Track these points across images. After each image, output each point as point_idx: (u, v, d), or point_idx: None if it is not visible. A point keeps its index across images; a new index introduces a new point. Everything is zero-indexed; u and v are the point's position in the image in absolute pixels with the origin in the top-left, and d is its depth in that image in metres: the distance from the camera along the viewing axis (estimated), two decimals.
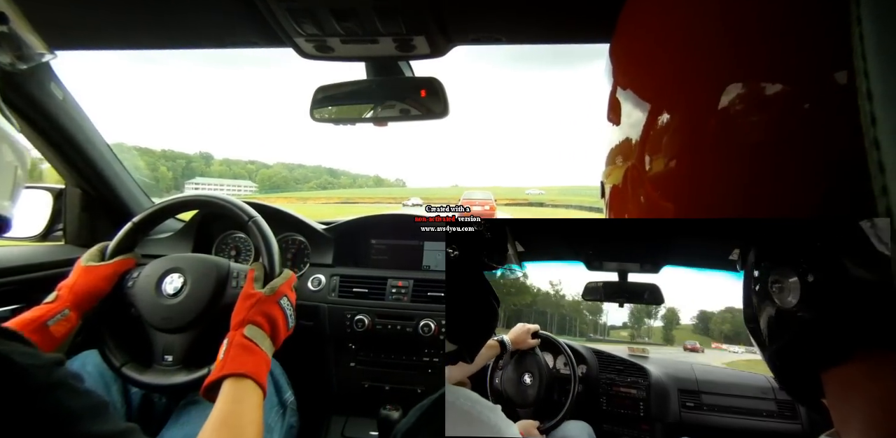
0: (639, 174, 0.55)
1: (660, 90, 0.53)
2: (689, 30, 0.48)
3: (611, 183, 0.64)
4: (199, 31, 1.16)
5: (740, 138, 0.42)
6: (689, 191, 0.48)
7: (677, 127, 0.49)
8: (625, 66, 0.62)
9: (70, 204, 1.70)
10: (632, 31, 0.61)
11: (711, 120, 0.44)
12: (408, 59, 1.21)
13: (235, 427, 0.82)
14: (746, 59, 0.42)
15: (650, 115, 0.53)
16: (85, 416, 0.52)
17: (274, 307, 1.02)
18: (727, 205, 0.44)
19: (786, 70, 0.39)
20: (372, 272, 1.71)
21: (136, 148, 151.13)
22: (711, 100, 0.43)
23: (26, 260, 1.49)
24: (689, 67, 0.48)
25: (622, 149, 0.60)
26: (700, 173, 0.46)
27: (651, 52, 0.56)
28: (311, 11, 0.93)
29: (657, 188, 0.52)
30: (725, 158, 0.43)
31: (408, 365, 1.65)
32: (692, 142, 0.47)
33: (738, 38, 0.43)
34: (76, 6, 1.04)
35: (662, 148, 0.51)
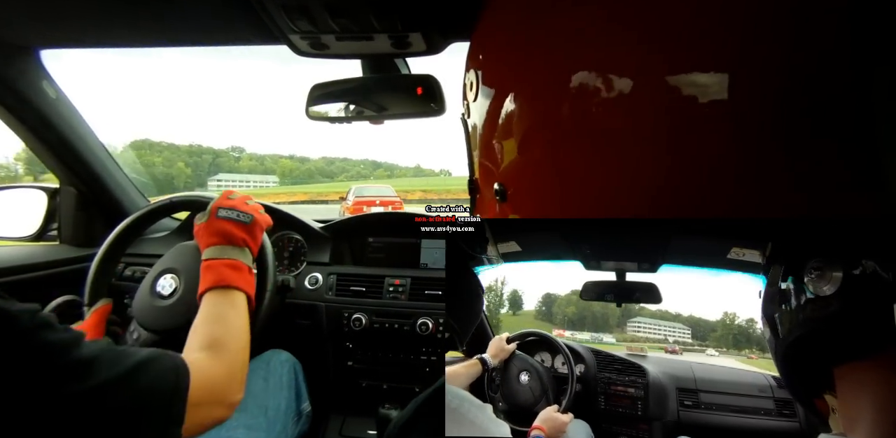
0: (489, 173, 0.56)
1: (510, 73, 0.53)
2: (547, 14, 0.48)
3: (475, 182, 0.64)
4: (192, 28, 1.16)
5: (593, 124, 0.42)
6: (545, 184, 0.49)
7: (528, 114, 0.49)
8: (478, 50, 0.61)
9: (65, 203, 1.69)
10: (486, 22, 0.60)
11: (564, 104, 0.44)
12: (404, 56, 1.20)
13: (222, 319, 0.89)
14: (596, 48, 0.42)
15: (494, 101, 0.53)
16: (72, 345, 0.57)
17: (216, 223, 1.04)
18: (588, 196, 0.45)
19: (625, 65, 0.39)
20: (369, 270, 1.71)
21: (161, 143, 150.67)
22: (563, 85, 0.43)
23: (21, 261, 1.49)
24: (543, 51, 0.47)
25: (475, 143, 0.61)
26: (557, 161, 0.46)
27: (501, 36, 0.56)
28: (305, 8, 0.92)
29: (513, 181, 0.53)
30: (580, 145, 0.43)
31: (405, 363, 1.65)
32: (543, 130, 0.47)
33: (589, 25, 0.43)
34: (62, 4, 1.03)
35: (513, 137, 0.51)
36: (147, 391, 0.61)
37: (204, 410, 0.71)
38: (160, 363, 0.65)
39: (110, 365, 0.59)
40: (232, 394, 0.79)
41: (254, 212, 1.09)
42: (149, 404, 0.61)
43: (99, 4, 1.03)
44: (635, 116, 0.39)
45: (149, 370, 0.63)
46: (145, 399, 0.61)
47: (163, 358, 0.67)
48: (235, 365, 0.83)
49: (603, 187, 0.43)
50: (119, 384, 0.59)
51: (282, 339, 1.61)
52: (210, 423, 0.74)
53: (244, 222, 1.05)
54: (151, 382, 0.62)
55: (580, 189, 0.45)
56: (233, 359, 0.83)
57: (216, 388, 0.76)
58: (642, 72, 0.38)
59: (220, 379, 0.78)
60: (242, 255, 1.02)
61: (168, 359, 0.67)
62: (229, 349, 0.84)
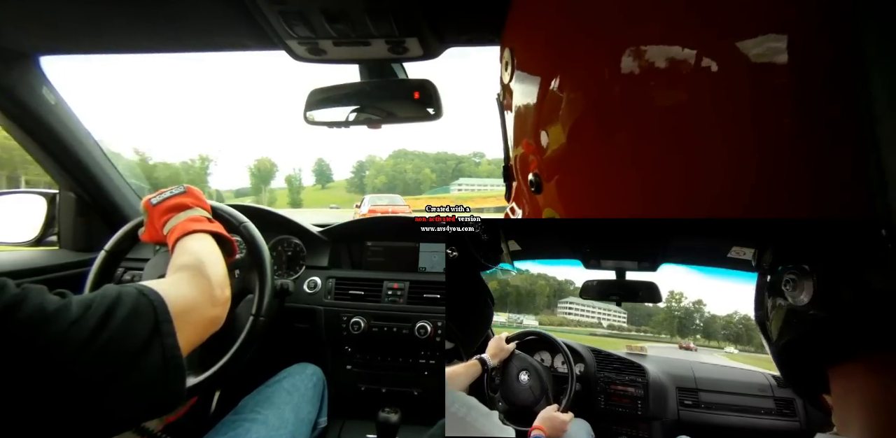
0: (537, 158, 0.54)
1: (551, 60, 0.51)
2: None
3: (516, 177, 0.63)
4: (190, 34, 1.16)
5: (649, 102, 0.40)
6: (593, 168, 0.47)
7: (576, 97, 0.47)
8: (514, 45, 0.60)
9: (64, 208, 1.69)
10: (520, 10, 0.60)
11: (615, 85, 0.42)
12: (401, 61, 1.21)
13: (195, 251, 0.92)
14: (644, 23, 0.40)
15: (541, 89, 0.51)
16: (28, 299, 0.55)
17: (155, 209, 1.04)
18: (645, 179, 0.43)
19: (685, 33, 0.38)
20: (368, 274, 1.71)
21: (415, 152, 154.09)
22: (612, 65, 0.42)
23: (21, 266, 1.48)
24: (581, 33, 0.46)
25: (515, 134, 0.59)
26: (607, 144, 0.45)
27: (538, 24, 0.54)
28: (302, 14, 0.93)
29: (555, 169, 0.51)
30: (634, 126, 0.42)
31: (404, 367, 1.65)
32: (597, 110, 0.45)
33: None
34: (62, 10, 1.03)
35: (560, 121, 0.49)
36: (127, 319, 0.62)
37: (194, 313, 0.74)
38: (128, 293, 0.66)
39: (83, 306, 0.60)
40: (215, 294, 0.82)
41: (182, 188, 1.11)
42: (135, 330, 0.62)
43: (98, 11, 1.04)
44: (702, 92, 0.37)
45: (123, 302, 0.63)
46: (129, 327, 0.61)
47: (128, 289, 0.67)
48: (215, 283, 0.84)
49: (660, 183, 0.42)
50: (95, 321, 0.59)
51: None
52: (206, 323, 0.79)
53: (179, 193, 1.08)
54: (129, 311, 0.63)
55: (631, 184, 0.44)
56: (212, 278, 0.84)
57: (196, 293, 0.79)
58: (706, 41, 0.37)
59: (198, 285, 0.81)
60: (195, 212, 1.04)
61: (133, 289, 0.68)
62: (207, 269, 0.85)
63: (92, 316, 0.59)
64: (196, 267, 0.85)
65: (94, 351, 0.56)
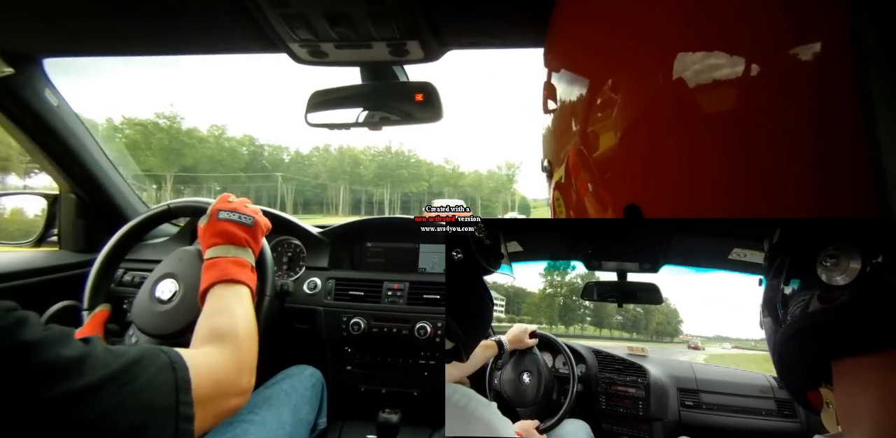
0: (583, 159, 0.53)
1: (601, 62, 0.51)
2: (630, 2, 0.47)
3: (555, 179, 0.63)
4: (192, 37, 1.16)
5: (701, 108, 0.40)
6: (646, 168, 0.46)
7: (627, 100, 0.47)
8: (560, 48, 0.60)
9: (65, 210, 1.69)
10: (567, 13, 0.60)
11: (665, 90, 0.42)
12: (402, 63, 1.22)
13: (227, 311, 0.88)
14: (698, 28, 0.40)
15: (590, 91, 0.51)
16: (48, 344, 0.52)
17: (217, 225, 1.04)
18: (693, 180, 0.42)
19: (739, 40, 0.37)
20: (368, 275, 1.71)
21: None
22: (664, 70, 0.41)
23: (21, 266, 1.48)
24: (635, 37, 0.46)
25: (561, 137, 0.59)
26: (657, 147, 0.44)
27: (588, 27, 0.54)
28: (304, 17, 0.93)
29: (605, 170, 0.50)
30: (684, 130, 0.41)
31: (404, 367, 1.65)
32: (647, 114, 0.45)
33: (687, 5, 0.41)
34: (64, 12, 1.04)
35: (611, 124, 0.48)
36: (145, 390, 0.58)
37: (215, 402, 0.69)
38: (154, 359, 0.62)
39: (100, 364, 0.55)
40: (241, 383, 0.78)
41: (254, 214, 1.10)
42: (151, 404, 0.58)
43: (101, 14, 1.04)
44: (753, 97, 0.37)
45: (144, 367, 0.59)
46: (145, 399, 0.58)
47: (156, 353, 0.63)
48: (243, 353, 0.81)
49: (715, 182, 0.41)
50: (111, 385, 0.55)
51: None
52: (225, 413, 0.73)
53: (246, 224, 1.06)
54: (149, 380, 0.59)
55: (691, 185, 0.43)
56: (240, 348, 0.81)
57: (224, 378, 0.74)
58: (757, 45, 0.36)
59: (227, 369, 0.76)
60: (245, 254, 1.03)
61: (162, 355, 0.63)
62: (236, 337, 0.83)
63: (108, 380, 0.55)
64: (232, 342, 0.81)
65: (92, 418, 0.52)
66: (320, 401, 1.38)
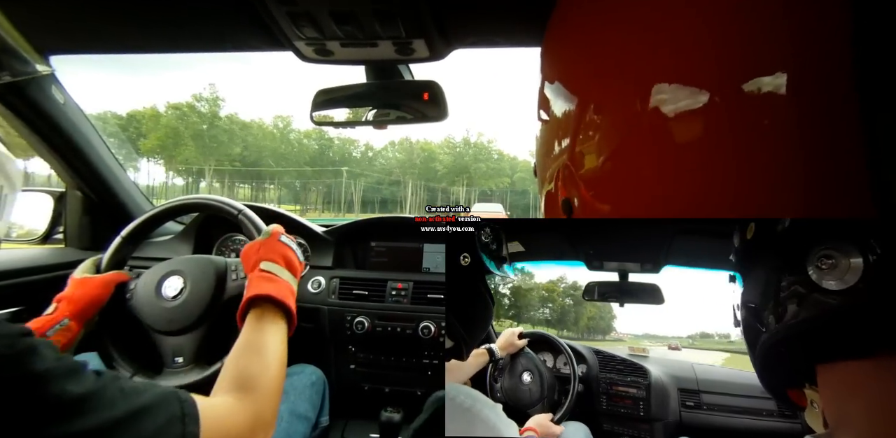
0: (570, 174, 0.54)
1: (589, 82, 0.51)
2: (621, 26, 0.47)
3: (545, 188, 0.63)
4: (199, 34, 1.17)
5: (672, 137, 0.41)
6: (623, 190, 0.47)
7: (610, 123, 0.48)
8: (553, 58, 0.61)
9: (70, 207, 1.70)
10: (562, 25, 0.60)
11: (643, 118, 0.43)
12: (407, 62, 1.22)
13: (260, 352, 0.84)
14: (673, 61, 0.41)
15: (578, 109, 0.52)
16: (56, 377, 0.50)
17: (278, 244, 1.04)
18: (665, 206, 0.43)
19: (708, 75, 0.38)
20: (372, 274, 1.71)
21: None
22: (643, 99, 0.42)
23: (27, 263, 1.49)
24: (620, 62, 0.46)
25: (551, 148, 0.59)
26: (635, 173, 0.45)
27: (582, 44, 0.55)
28: (311, 15, 0.94)
29: (590, 188, 0.51)
30: (659, 157, 0.42)
31: (408, 367, 1.66)
32: (625, 139, 0.46)
33: (666, 39, 0.42)
34: (73, 10, 1.04)
35: (595, 145, 0.49)
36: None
37: None
38: (167, 408, 0.59)
39: (107, 405, 0.53)
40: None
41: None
42: None
43: (107, 11, 1.05)
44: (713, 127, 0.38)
45: (154, 416, 0.57)
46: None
47: (171, 401, 0.60)
48: (264, 408, 0.77)
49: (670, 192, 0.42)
50: (113, 430, 0.52)
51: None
52: None
53: (299, 257, 1.07)
54: (155, 431, 0.56)
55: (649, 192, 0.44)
56: (262, 401, 0.77)
57: (236, 436, 0.70)
58: (719, 80, 0.38)
59: (241, 427, 0.71)
60: (295, 284, 1.01)
61: (176, 404, 0.60)
62: (261, 388, 0.78)
63: (111, 425, 0.52)
64: (255, 394, 0.77)
65: None
66: (322, 399, 1.38)
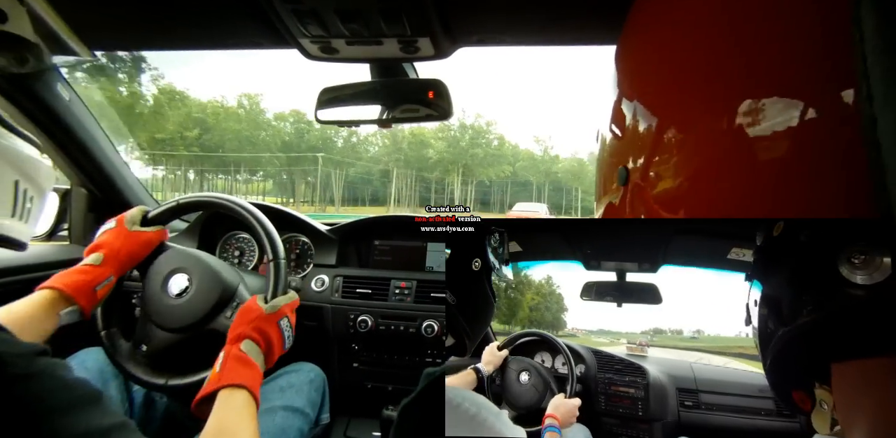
0: (641, 193, 0.54)
1: (670, 105, 0.51)
2: (698, 44, 0.47)
3: (607, 200, 0.63)
4: (203, 32, 1.17)
5: (759, 156, 0.40)
6: (704, 211, 0.46)
7: (692, 146, 0.47)
8: (631, 77, 0.60)
9: (75, 204, 1.71)
10: (639, 40, 0.59)
11: (727, 138, 0.42)
12: (412, 60, 1.22)
13: (232, 436, 0.80)
14: (758, 76, 0.40)
15: (657, 131, 0.51)
16: (67, 409, 0.49)
17: (272, 326, 1.01)
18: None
19: (796, 86, 0.38)
20: (375, 273, 1.72)
21: None
22: (727, 118, 0.42)
23: (31, 260, 1.50)
24: (701, 83, 0.46)
25: (620, 162, 0.59)
26: (717, 194, 0.44)
27: (659, 65, 0.54)
28: (316, 13, 0.94)
29: (665, 208, 0.51)
30: (744, 178, 0.41)
31: (411, 365, 1.66)
32: (709, 161, 0.45)
33: (749, 53, 0.41)
34: (76, 8, 1.05)
35: (672, 167, 0.49)
36: None
37: None
38: None
39: None
40: None
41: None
42: None
43: (111, 8, 1.05)
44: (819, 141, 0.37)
45: None
46: None
47: None
48: None
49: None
50: None
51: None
52: None
53: (286, 347, 1.05)
54: None
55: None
56: None
57: None
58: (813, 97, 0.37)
59: None
60: (260, 361, 0.97)
61: None
62: None
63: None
64: None
65: None
66: (321, 397, 1.38)
